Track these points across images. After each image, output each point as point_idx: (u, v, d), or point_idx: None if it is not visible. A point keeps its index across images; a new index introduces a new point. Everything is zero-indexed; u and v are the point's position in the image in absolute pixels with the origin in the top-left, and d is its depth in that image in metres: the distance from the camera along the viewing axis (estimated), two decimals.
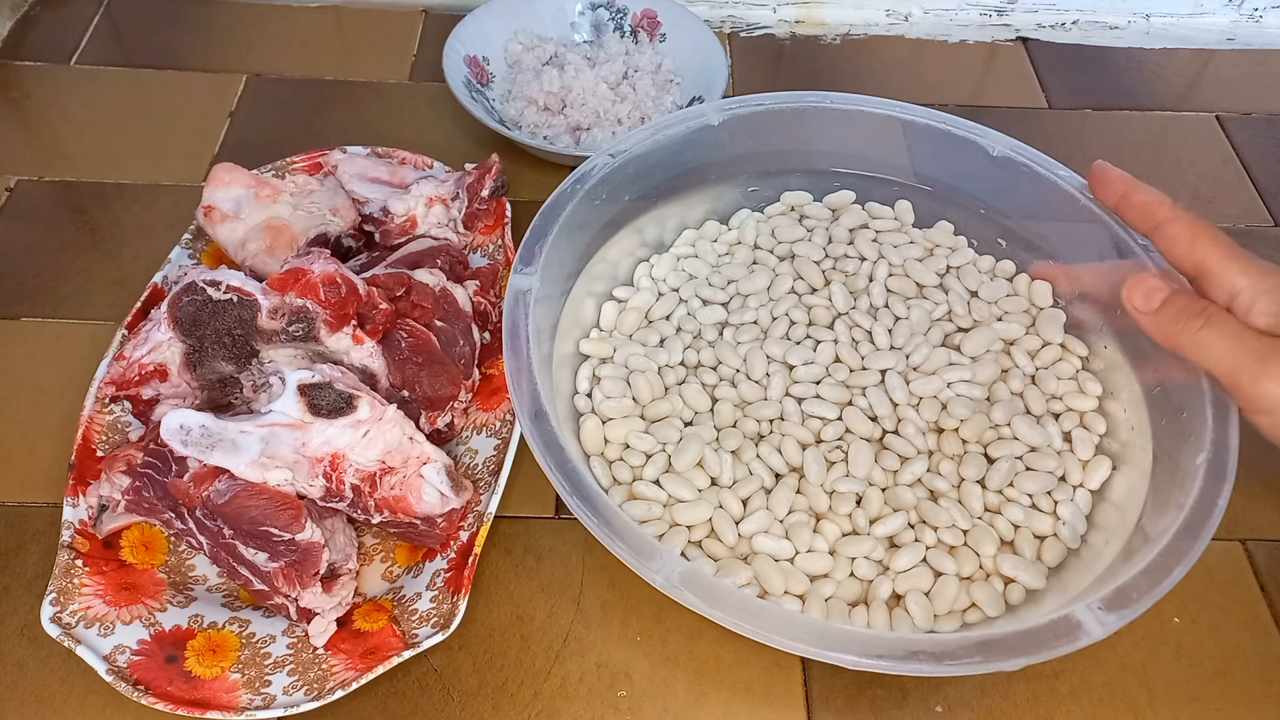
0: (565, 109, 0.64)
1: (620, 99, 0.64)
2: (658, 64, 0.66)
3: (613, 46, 0.67)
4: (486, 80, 0.66)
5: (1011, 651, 0.35)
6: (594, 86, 0.63)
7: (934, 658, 0.35)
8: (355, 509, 0.42)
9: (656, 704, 0.42)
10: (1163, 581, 0.36)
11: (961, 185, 0.52)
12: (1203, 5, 0.76)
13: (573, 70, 0.64)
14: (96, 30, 0.71)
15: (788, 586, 0.41)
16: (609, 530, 0.37)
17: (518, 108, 0.64)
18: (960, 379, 0.47)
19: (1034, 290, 0.50)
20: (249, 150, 0.62)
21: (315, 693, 0.39)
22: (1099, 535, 0.43)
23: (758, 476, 0.44)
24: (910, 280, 0.51)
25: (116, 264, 0.56)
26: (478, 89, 0.64)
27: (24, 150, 0.62)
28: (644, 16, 0.68)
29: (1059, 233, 0.50)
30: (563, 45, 0.67)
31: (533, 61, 0.66)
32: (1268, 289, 0.38)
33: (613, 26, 0.69)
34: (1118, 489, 0.44)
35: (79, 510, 0.43)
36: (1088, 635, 0.35)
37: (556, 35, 0.68)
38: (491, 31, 0.66)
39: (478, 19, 0.66)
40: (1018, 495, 0.44)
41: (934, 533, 0.43)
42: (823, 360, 0.48)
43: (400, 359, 0.46)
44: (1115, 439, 0.46)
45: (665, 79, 0.66)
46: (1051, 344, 0.49)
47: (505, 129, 0.60)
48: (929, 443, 0.46)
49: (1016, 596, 0.42)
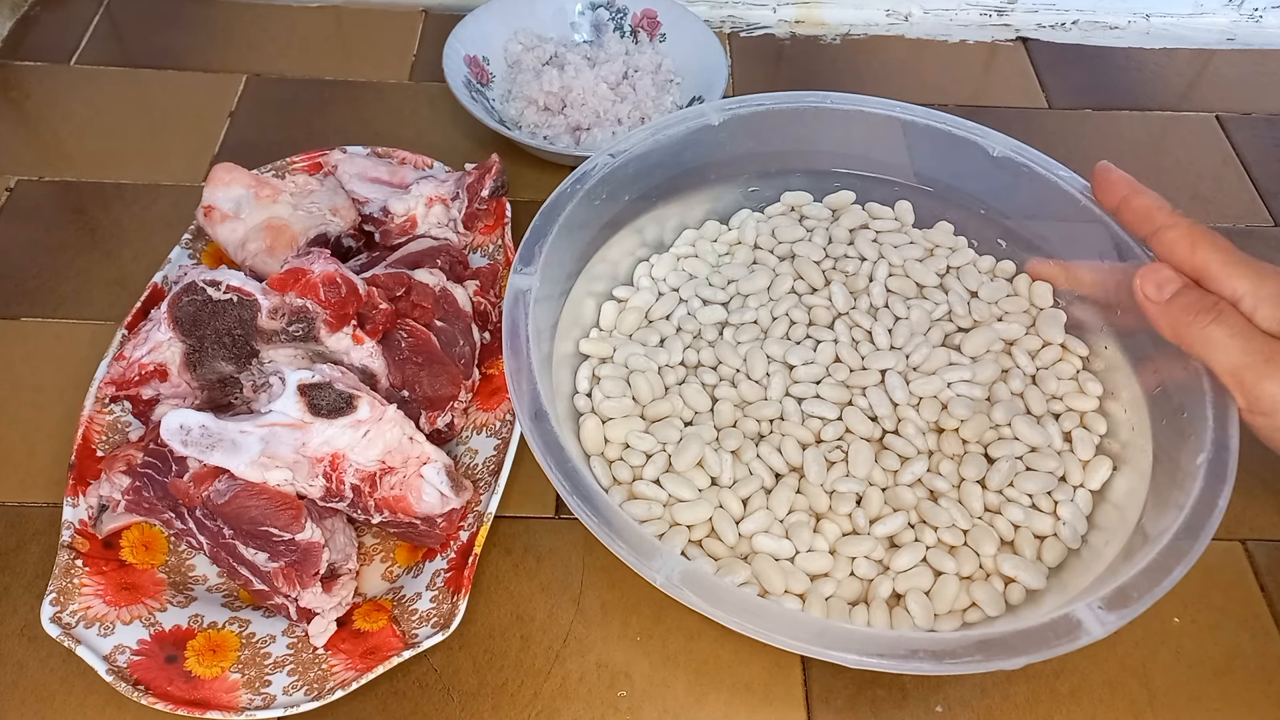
0: (565, 109, 0.64)
1: (620, 99, 0.64)
2: (658, 64, 0.66)
3: (613, 46, 0.67)
4: (486, 80, 0.66)
5: (1012, 650, 0.35)
6: (594, 86, 0.63)
7: (934, 656, 0.35)
8: (355, 509, 0.42)
9: (656, 704, 0.42)
10: (1163, 581, 0.36)
11: (962, 185, 0.52)
12: (1203, 5, 0.76)
13: (573, 70, 0.64)
14: (96, 30, 0.71)
15: (788, 586, 0.41)
16: (609, 530, 0.37)
17: (518, 108, 0.64)
18: (960, 379, 0.47)
19: (1034, 290, 0.50)
20: (249, 150, 0.62)
21: (315, 693, 0.39)
22: (1099, 535, 0.43)
23: (758, 476, 0.44)
24: (910, 280, 0.51)
25: (116, 264, 0.56)
26: (478, 89, 0.64)
27: (24, 150, 0.62)
28: (644, 16, 0.68)
29: (1059, 233, 0.50)
30: (563, 45, 0.67)
31: (533, 61, 0.66)
32: (1269, 294, 0.38)
33: (613, 26, 0.69)
34: (1118, 489, 0.44)
35: (79, 510, 0.43)
36: (1088, 634, 0.35)
37: (556, 35, 0.68)
38: (491, 31, 0.66)
39: (478, 19, 0.66)
40: (1018, 495, 0.44)
41: (934, 532, 0.43)
42: (823, 360, 0.48)
43: (400, 359, 0.46)
44: (1116, 439, 0.46)
45: (665, 79, 0.66)
46: (1052, 344, 0.49)
47: (505, 129, 0.60)
48: (929, 443, 0.46)
49: (1016, 596, 0.42)
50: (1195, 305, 0.39)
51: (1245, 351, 0.38)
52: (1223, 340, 0.38)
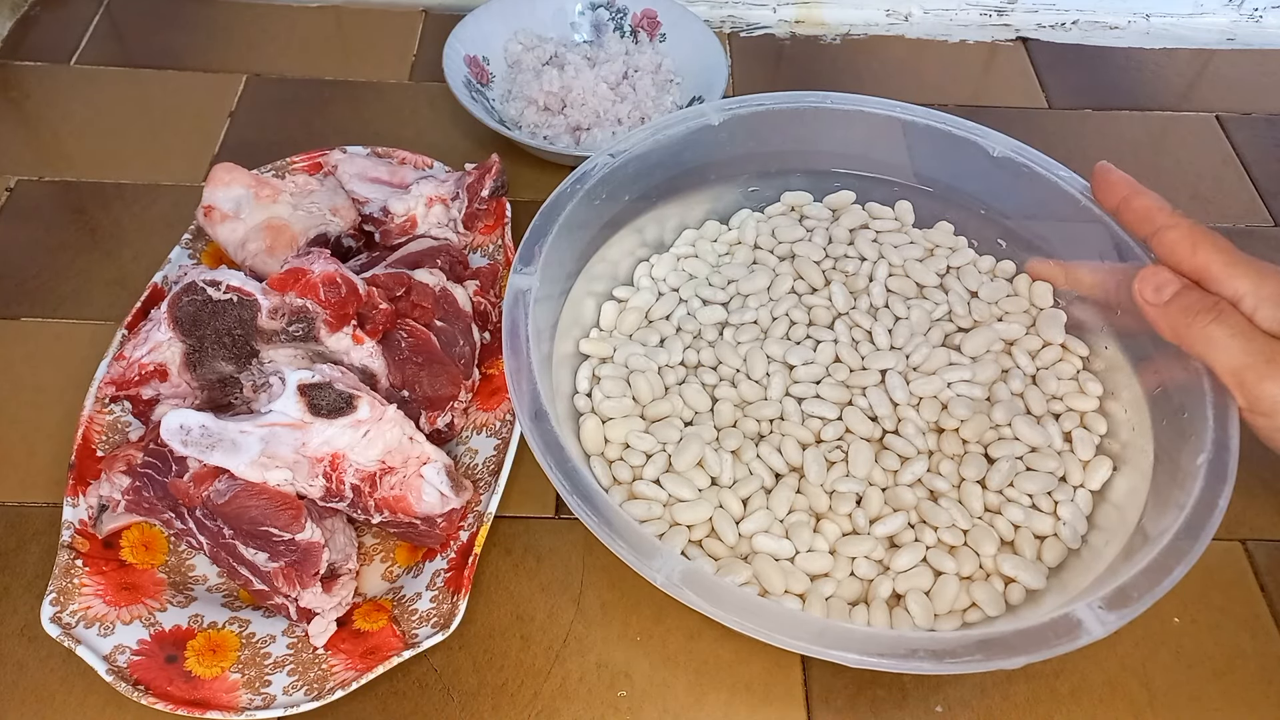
0: (565, 109, 0.64)
1: (620, 99, 0.64)
2: (658, 64, 0.66)
3: (613, 46, 0.67)
4: (486, 80, 0.66)
5: (1012, 650, 0.35)
6: (594, 86, 0.63)
7: (934, 656, 0.35)
8: (355, 509, 0.42)
9: (656, 704, 0.42)
10: (1163, 581, 0.36)
11: (962, 186, 0.52)
12: (1203, 5, 0.76)
13: (573, 70, 0.64)
14: (96, 30, 0.71)
15: (788, 586, 0.41)
16: (609, 529, 0.37)
17: (518, 108, 0.64)
18: (960, 379, 0.47)
19: (1034, 291, 0.50)
20: (249, 150, 0.62)
21: (315, 693, 0.39)
22: (1099, 535, 0.43)
23: (758, 476, 0.44)
24: (910, 280, 0.51)
25: (116, 264, 0.56)
26: (478, 89, 0.64)
27: (24, 150, 0.62)
28: (644, 16, 0.68)
29: (1059, 233, 0.50)
30: (563, 45, 0.67)
31: (533, 61, 0.66)
32: (1270, 294, 0.38)
33: (612, 26, 0.69)
34: (1118, 489, 0.44)
35: (79, 510, 0.43)
36: (1088, 634, 0.35)
37: (556, 35, 0.68)
38: (491, 31, 0.66)
39: (478, 19, 0.66)
40: (1018, 495, 0.44)
41: (934, 532, 0.43)
42: (823, 360, 0.48)
43: (400, 359, 0.46)
44: (1116, 439, 0.46)
45: (665, 79, 0.66)
46: (1052, 344, 0.49)
47: (505, 129, 0.60)
48: (929, 443, 0.46)
49: (1017, 596, 0.42)
50: (1195, 306, 0.39)
51: (1246, 352, 0.38)
52: (1223, 340, 0.38)
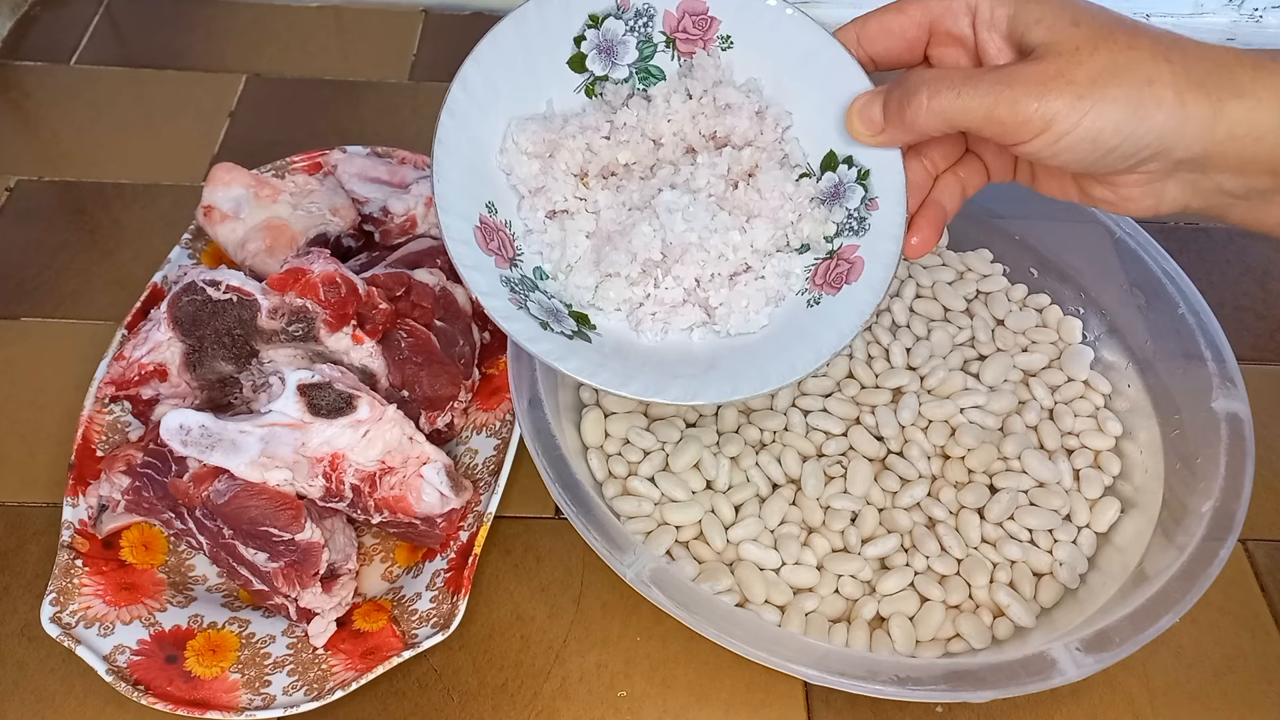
0: None
1: None
2: None
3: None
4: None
5: (980, 684, 0.34)
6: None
7: (898, 681, 0.34)
8: (355, 509, 0.42)
9: (656, 704, 0.42)
10: (1148, 629, 0.36)
11: (985, 203, 0.51)
12: (1203, 5, 0.76)
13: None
14: (96, 30, 0.71)
15: (769, 596, 0.41)
16: (585, 519, 0.37)
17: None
18: (974, 404, 0.46)
19: (1063, 326, 0.50)
20: (249, 150, 0.62)
21: (315, 693, 0.39)
22: (1098, 576, 0.42)
23: (754, 484, 0.44)
24: (937, 303, 0.50)
25: (116, 264, 0.56)
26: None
27: (24, 150, 0.62)
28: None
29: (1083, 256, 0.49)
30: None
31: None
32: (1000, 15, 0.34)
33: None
34: (1124, 533, 0.43)
35: (79, 510, 0.43)
36: (1061, 675, 0.34)
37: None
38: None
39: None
40: (1017, 530, 0.43)
41: (925, 559, 0.42)
42: (835, 374, 0.48)
43: (400, 359, 0.46)
44: (1129, 482, 0.45)
45: None
46: (1075, 380, 0.48)
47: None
48: (932, 468, 0.45)
49: (1004, 631, 0.41)
50: (905, 97, 0.35)
51: (981, 92, 0.33)
52: (955, 100, 0.33)
